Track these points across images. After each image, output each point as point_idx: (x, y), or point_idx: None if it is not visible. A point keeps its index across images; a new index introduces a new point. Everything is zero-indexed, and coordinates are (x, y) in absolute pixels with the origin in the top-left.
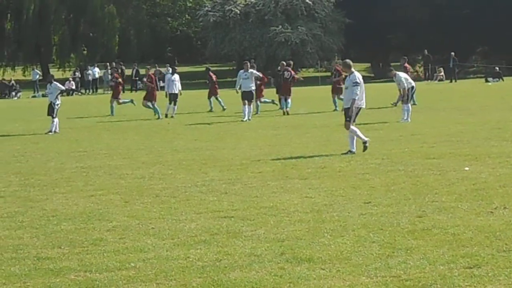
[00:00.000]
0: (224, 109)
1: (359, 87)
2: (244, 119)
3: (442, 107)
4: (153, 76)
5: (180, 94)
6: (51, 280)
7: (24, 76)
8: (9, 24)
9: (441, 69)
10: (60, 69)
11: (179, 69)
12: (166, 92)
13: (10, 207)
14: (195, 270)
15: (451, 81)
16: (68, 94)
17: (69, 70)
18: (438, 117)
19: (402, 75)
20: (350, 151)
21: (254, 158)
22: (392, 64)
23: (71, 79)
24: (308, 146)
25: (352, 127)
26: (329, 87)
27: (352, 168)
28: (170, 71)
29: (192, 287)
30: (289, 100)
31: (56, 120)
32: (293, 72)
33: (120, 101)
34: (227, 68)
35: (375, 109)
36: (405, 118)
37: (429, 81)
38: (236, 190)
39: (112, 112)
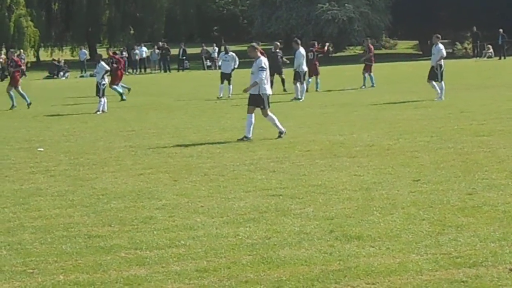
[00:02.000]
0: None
1: (264, 72)
2: (301, 99)
3: (491, 84)
4: (17, 60)
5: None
6: (102, 258)
7: (72, 56)
8: (57, 5)
9: (490, 46)
10: (109, 49)
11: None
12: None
13: (60, 186)
14: (245, 247)
15: (500, 58)
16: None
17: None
18: (488, 94)
19: (442, 47)
20: (245, 137)
21: (302, 136)
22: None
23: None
24: (355, 124)
25: (270, 114)
26: (380, 64)
27: (400, 146)
28: (216, 50)
29: (242, 265)
30: (318, 81)
31: (103, 99)
32: (316, 48)
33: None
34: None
35: (423, 86)
36: (439, 96)
37: (478, 58)
38: (284, 169)
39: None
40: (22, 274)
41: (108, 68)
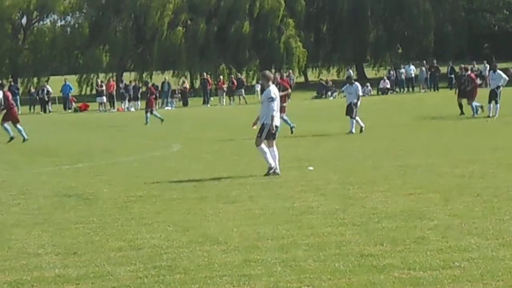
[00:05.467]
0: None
1: (275, 102)
2: None
3: None
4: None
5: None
6: (375, 277)
7: (338, 77)
8: (325, 26)
9: None
10: (374, 69)
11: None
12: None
13: (331, 204)
14: None
15: None
16: (383, 93)
17: (384, 69)
18: None
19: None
20: (270, 169)
21: None
22: None
23: (385, 78)
24: None
25: (262, 146)
26: None
27: None
28: (487, 68)
29: None
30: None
31: (353, 120)
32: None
33: (154, 112)
34: None
35: None
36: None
37: None
38: None
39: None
40: None
41: (360, 93)
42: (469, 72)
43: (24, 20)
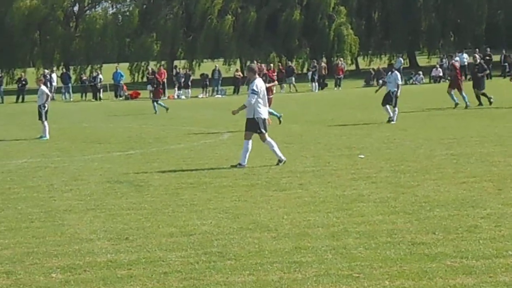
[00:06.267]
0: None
1: (256, 95)
2: None
3: None
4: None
5: None
6: (427, 265)
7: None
8: (377, 13)
9: None
10: (429, 57)
11: None
12: None
13: (382, 193)
14: None
15: None
16: (435, 81)
17: (437, 57)
18: None
19: None
20: (239, 164)
21: None
22: None
23: (438, 66)
24: None
25: (268, 139)
26: None
27: None
28: None
29: None
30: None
31: (395, 109)
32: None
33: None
34: None
35: None
36: None
37: None
38: None
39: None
40: (348, 278)
41: (400, 82)
42: (452, 60)
43: (76, 8)
